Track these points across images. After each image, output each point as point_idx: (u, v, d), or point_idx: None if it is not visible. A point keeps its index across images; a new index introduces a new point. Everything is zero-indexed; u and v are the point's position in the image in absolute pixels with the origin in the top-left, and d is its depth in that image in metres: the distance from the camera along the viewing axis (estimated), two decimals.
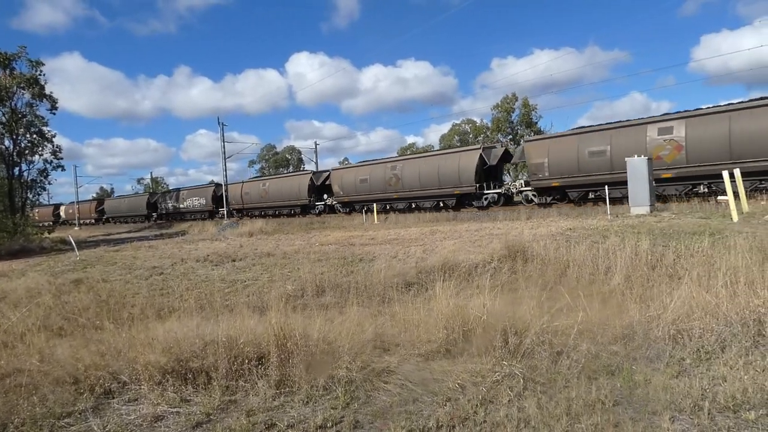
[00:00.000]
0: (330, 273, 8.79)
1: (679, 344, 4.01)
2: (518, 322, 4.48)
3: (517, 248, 8.93)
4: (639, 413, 3.01)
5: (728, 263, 6.26)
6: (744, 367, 3.43)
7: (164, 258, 12.46)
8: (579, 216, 16.29)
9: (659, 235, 9.67)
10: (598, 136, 20.84)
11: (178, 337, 4.28)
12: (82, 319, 5.93)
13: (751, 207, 13.19)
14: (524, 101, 52.04)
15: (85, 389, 3.86)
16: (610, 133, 20.45)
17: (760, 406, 2.95)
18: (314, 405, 3.47)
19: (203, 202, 45.25)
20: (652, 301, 5.24)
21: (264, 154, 77.22)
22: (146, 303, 6.86)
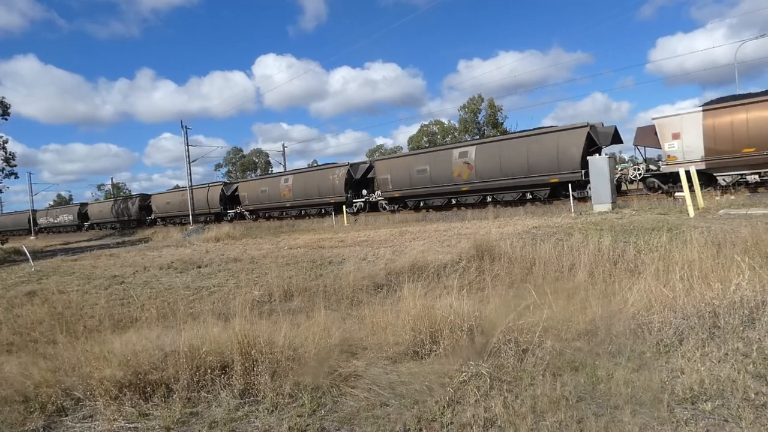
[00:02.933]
0: (298, 277, 8.67)
1: (640, 338, 4.10)
2: (485, 321, 4.50)
3: (484, 247, 9.03)
4: (601, 408, 3.06)
5: (685, 257, 6.50)
6: (701, 359, 3.53)
7: (126, 266, 12.05)
8: (544, 214, 16.64)
9: (621, 232, 9.97)
10: (423, 157, 25.55)
11: (137, 348, 4.11)
12: (34, 334, 5.65)
13: (707, 202, 13.76)
14: (490, 102, 52.95)
15: (35, 407, 3.66)
16: (429, 156, 25.33)
17: (716, 397, 3.04)
18: (279, 414, 3.39)
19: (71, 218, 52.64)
20: (614, 296, 5.37)
21: (230, 157, 75.87)
22: (104, 314, 6.59)
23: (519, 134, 23.11)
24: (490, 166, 22.28)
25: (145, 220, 45.01)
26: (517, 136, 22.79)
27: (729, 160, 16.88)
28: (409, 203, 26.32)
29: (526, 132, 22.80)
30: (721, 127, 16.91)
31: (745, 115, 16.51)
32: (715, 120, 17.04)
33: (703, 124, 17.19)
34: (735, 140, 16.68)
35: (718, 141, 16.92)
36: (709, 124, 17.12)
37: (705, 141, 17.12)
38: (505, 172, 21.81)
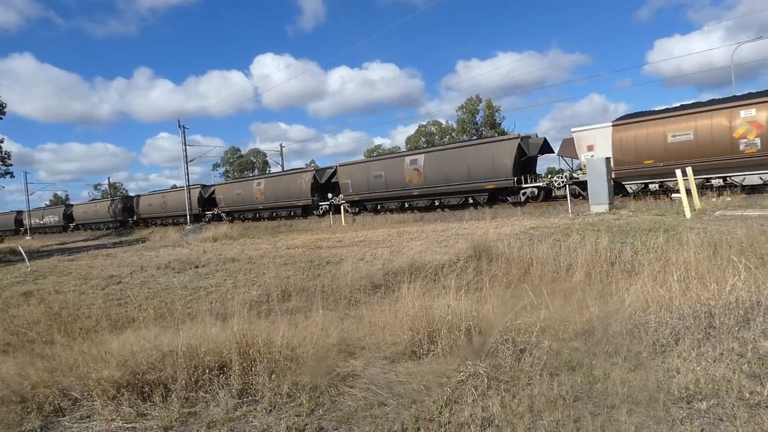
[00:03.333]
0: (296, 277, 8.68)
1: (636, 338, 4.13)
2: (483, 321, 4.52)
3: (482, 248, 9.05)
4: (598, 407, 3.08)
5: (681, 258, 6.53)
6: (696, 359, 3.55)
7: (123, 266, 12.03)
8: (542, 215, 16.69)
9: (618, 233, 10.01)
10: (379, 164, 28.07)
11: (135, 349, 4.11)
12: (31, 334, 5.63)
13: (703, 204, 13.82)
14: (488, 103, 53.06)
15: (33, 408, 3.65)
16: (384, 162, 27.92)
17: (711, 397, 3.06)
18: (278, 413, 3.39)
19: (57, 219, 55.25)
20: (611, 296, 5.39)
21: (228, 157, 75.79)
22: (102, 314, 6.58)
23: (461, 144, 26.39)
24: (437, 173, 24.80)
25: (128, 221, 47.21)
26: (460, 146, 25.57)
27: (633, 171, 19.01)
28: (367, 206, 28.77)
29: (467, 142, 26.70)
30: (627, 141, 19.11)
31: (646, 130, 18.66)
32: (622, 134, 19.25)
33: (612, 138, 19.40)
34: (638, 153, 18.81)
35: (624, 153, 19.11)
36: (617, 137, 19.34)
37: (614, 153, 19.17)
38: (449, 179, 24.30)
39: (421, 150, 27.92)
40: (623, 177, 19.30)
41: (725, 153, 16.94)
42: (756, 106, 16.58)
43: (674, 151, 17.85)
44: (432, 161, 25.10)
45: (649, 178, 18.87)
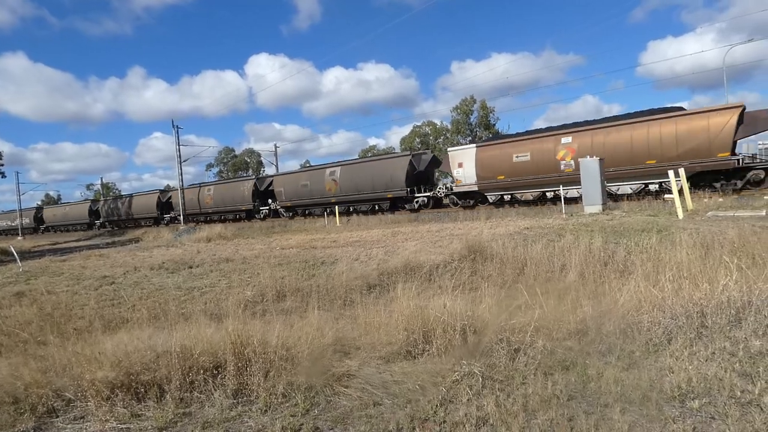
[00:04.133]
0: (291, 277, 8.66)
1: (629, 338, 4.16)
2: (478, 321, 4.54)
3: (476, 248, 9.08)
4: (592, 406, 3.10)
5: (674, 258, 6.59)
6: (689, 358, 3.59)
7: (116, 267, 11.96)
8: (536, 215, 16.77)
9: (611, 233, 10.07)
10: (305, 174, 32.71)
11: (128, 349, 4.09)
12: (23, 335, 5.59)
13: (695, 204, 13.94)
14: (482, 103, 53.11)
15: (26, 408, 3.63)
16: (309, 174, 32.41)
17: (703, 395, 3.09)
18: (273, 413, 3.39)
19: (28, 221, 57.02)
20: (604, 296, 5.43)
21: (222, 157, 75.47)
22: (95, 315, 6.54)
23: (367, 159, 32.25)
24: (349, 184, 29.12)
25: (94, 224, 50.57)
26: (366, 161, 31.14)
27: (491, 184, 23.55)
28: (298, 211, 32.85)
29: (371, 158, 32.73)
30: (486, 160, 23.53)
31: (499, 151, 23.21)
32: (483, 154, 23.78)
33: (476, 157, 23.88)
34: (494, 170, 23.30)
35: (485, 170, 23.60)
36: (479, 157, 23.82)
37: (477, 169, 23.81)
38: (359, 189, 28.66)
39: (338, 164, 31.69)
40: (484, 189, 23.85)
41: (551, 171, 21.35)
42: (571, 135, 21.06)
43: (518, 169, 22.40)
44: (346, 174, 29.60)
45: (502, 190, 23.41)
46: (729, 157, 17.09)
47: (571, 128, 21.73)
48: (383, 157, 29.38)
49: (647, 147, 18.84)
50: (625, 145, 19.30)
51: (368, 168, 28.67)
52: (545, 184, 21.67)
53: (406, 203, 26.99)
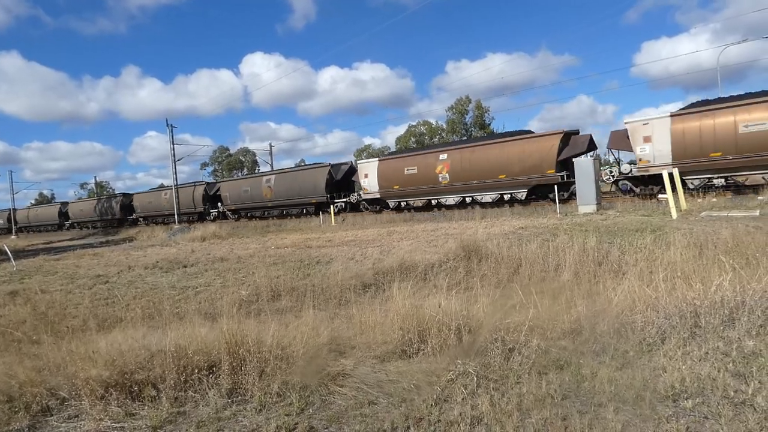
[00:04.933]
0: (286, 276, 8.65)
1: (623, 337, 4.18)
2: (472, 320, 4.55)
3: (471, 247, 9.10)
4: (586, 406, 3.12)
5: (668, 258, 6.63)
6: (682, 358, 3.61)
7: (110, 266, 11.90)
8: (531, 215, 16.82)
9: (605, 233, 10.12)
10: (246, 182, 36.31)
11: (123, 348, 4.07)
12: (17, 334, 5.55)
13: (689, 205, 14.03)
14: (477, 103, 53.27)
15: (20, 407, 3.61)
16: (249, 181, 36.22)
17: (696, 395, 3.11)
18: (267, 413, 3.39)
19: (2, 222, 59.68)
20: (598, 296, 5.46)
21: (217, 156, 75.25)
22: (89, 314, 6.51)
23: (296, 169, 35.98)
24: (282, 190, 32.77)
25: (64, 225, 53.47)
26: (295, 170, 34.95)
27: (389, 192, 27.05)
28: (242, 214, 35.93)
29: (299, 168, 36.50)
30: (385, 172, 27.04)
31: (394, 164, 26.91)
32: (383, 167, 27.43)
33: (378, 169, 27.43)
34: (391, 180, 26.83)
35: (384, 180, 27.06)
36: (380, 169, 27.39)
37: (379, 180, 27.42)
38: (290, 194, 32.16)
39: (273, 172, 36.20)
40: (385, 197, 27.12)
41: (432, 182, 25.00)
42: (447, 152, 24.88)
43: (409, 180, 25.84)
44: (279, 181, 33.22)
45: (399, 198, 26.80)
46: (554, 174, 20.48)
47: (446, 147, 26.77)
48: (308, 167, 33.40)
49: (499, 164, 22.52)
50: (483, 161, 23.06)
51: (297, 176, 32.59)
52: (429, 193, 25.55)
53: (327, 207, 30.06)
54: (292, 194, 32.01)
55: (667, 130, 18.45)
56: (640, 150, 18.96)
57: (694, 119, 18.05)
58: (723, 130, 17.21)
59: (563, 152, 20.68)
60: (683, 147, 18.03)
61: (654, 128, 18.76)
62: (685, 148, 17.98)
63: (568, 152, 20.60)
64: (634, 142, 19.09)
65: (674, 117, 18.51)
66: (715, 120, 17.48)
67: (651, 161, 18.71)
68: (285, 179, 32.93)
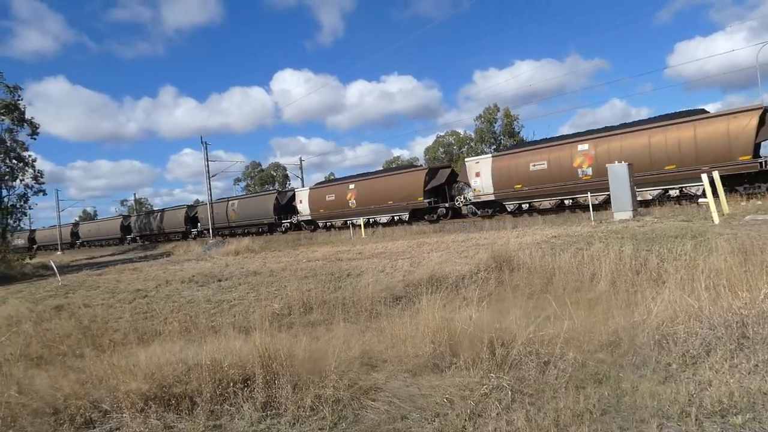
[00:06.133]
0: (317, 290, 8.71)
1: (665, 349, 4.02)
2: (505, 332, 4.47)
3: (503, 258, 8.96)
4: (627, 422, 3.01)
5: (710, 266, 6.34)
6: (729, 371, 3.45)
7: (148, 280, 12.27)
8: (564, 223, 16.46)
9: (642, 240, 9.79)
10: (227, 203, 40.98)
11: (161, 362, 4.19)
12: (62, 347, 5.79)
13: (732, 208, 13.44)
14: (506, 111, 52.68)
15: (65, 419, 3.75)
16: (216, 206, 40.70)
17: (746, 410, 2.96)
18: (301, 426, 3.41)
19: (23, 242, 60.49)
20: (636, 306, 5.27)
21: (249, 171, 76.95)
22: (129, 328, 6.72)
23: (250, 196, 43.57)
24: (242, 213, 38.48)
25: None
26: (249, 197, 42.10)
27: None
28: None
29: (253, 195, 43.97)
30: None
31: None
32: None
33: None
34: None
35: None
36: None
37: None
38: (249, 217, 37.91)
39: (236, 198, 42.22)
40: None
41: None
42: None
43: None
44: (240, 205, 39.23)
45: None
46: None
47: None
48: (260, 194, 38.68)
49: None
50: (379, 190, 24.36)
51: (252, 201, 38.27)
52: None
53: (277, 226, 35.38)
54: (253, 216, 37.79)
55: (489, 168, 24.06)
56: (474, 182, 24.76)
57: (506, 160, 23.84)
58: (521, 168, 22.83)
59: (430, 183, 26.61)
60: (499, 180, 23.66)
61: (482, 166, 24.52)
62: (501, 181, 23.65)
63: (434, 183, 26.85)
64: (470, 176, 24.88)
65: (494, 158, 24.57)
66: (518, 161, 23.21)
67: (481, 191, 24.46)
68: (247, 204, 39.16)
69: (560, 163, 21.45)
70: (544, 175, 21.93)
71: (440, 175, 27.39)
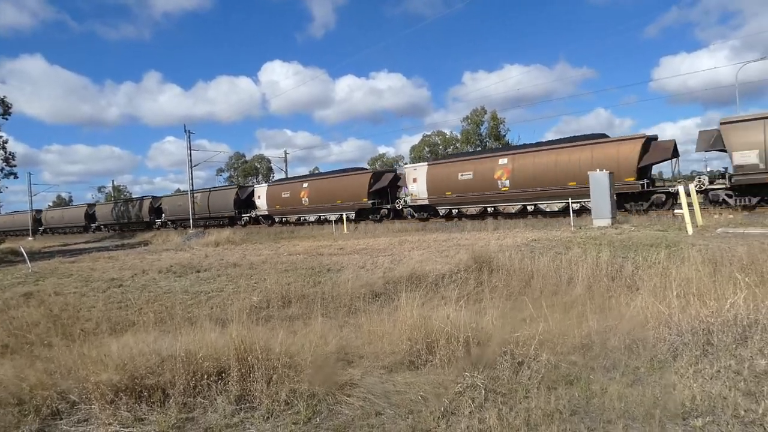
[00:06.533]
0: (296, 284, 8.69)
1: (635, 353, 4.13)
2: (481, 332, 4.53)
3: (483, 259, 9.06)
4: (595, 422, 3.08)
5: (682, 274, 6.53)
6: (693, 376, 3.55)
7: (124, 269, 12.06)
8: (544, 227, 16.70)
9: (619, 247, 10.00)
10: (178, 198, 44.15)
11: (134, 353, 4.12)
12: (30, 336, 5.65)
13: (705, 220, 13.81)
14: (493, 114, 53.15)
15: (30, 410, 3.66)
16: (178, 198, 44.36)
17: (707, 414, 3.06)
18: (275, 420, 3.40)
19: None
20: (610, 311, 5.40)
21: (233, 162, 76.05)
22: (102, 317, 6.60)
23: (215, 188, 43.20)
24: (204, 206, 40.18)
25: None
26: (214, 189, 42.30)
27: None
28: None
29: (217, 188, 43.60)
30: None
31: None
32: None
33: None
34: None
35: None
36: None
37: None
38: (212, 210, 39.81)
39: (199, 191, 42.20)
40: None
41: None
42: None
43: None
44: (203, 198, 40.60)
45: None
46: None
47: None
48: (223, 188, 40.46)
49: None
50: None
51: (217, 194, 40.08)
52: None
53: (237, 220, 37.88)
54: (216, 210, 39.56)
55: (425, 175, 26.30)
56: (411, 187, 27.10)
57: (439, 168, 26.15)
58: (452, 177, 25.06)
59: (374, 185, 28.67)
60: (433, 186, 25.91)
61: (419, 173, 26.82)
62: (434, 187, 25.89)
63: (378, 185, 28.88)
64: (408, 182, 27.32)
65: (429, 166, 26.90)
66: (449, 170, 25.42)
67: (417, 195, 26.76)
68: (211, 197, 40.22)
69: (483, 175, 24.08)
70: (471, 184, 24.51)
71: (384, 179, 29.69)
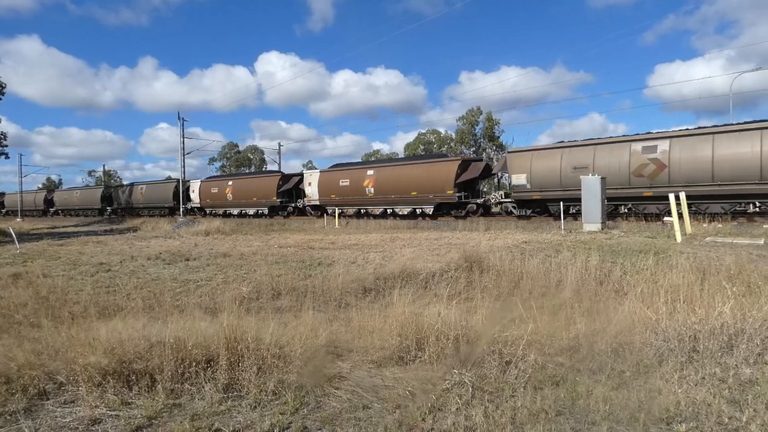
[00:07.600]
0: (287, 276, 8.67)
1: (621, 357, 4.18)
2: (471, 331, 4.56)
3: (474, 259, 9.09)
4: (579, 423, 3.12)
5: (670, 281, 6.60)
6: (678, 381, 3.61)
7: (113, 254, 11.96)
8: (535, 230, 16.80)
9: (608, 252, 10.09)
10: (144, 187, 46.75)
11: (123, 337, 4.11)
12: (18, 316, 5.60)
13: (694, 229, 13.97)
14: (488, 115, 53.34)
15: (17, 389, 3.65)
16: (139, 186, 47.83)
17: (690, 419, 3.11)
18: (262, 410, 3.41)
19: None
20: (598, 314, 5.45)
21: (225, 152, 75.61)
22: (90, 301, 6.54)
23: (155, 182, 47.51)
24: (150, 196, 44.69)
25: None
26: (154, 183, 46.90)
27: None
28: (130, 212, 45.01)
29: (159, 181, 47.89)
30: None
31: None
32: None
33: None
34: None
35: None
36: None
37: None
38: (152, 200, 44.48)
39: (142, 183, 47.50)
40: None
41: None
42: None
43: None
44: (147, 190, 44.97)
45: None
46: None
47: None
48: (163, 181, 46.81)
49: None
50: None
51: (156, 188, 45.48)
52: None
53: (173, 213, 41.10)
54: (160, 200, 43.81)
55: (317, 180, 32.27)
56: (307, 190, 32.94)
57: (327, 175, 32.11)
58: (335, 183, 31.04)
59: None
60: (324, 190, 31.75)
61: (313, 178, 32.77)
62: (323, 191, 31.77)
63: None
64: (305, 185, 33.04)
65: (322, 173, 32.89)
66: (334, 177, 31.42)
67: (311, 197, 32.70)
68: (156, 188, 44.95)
69: (357, 183, 29.77)
70: (348, 190, 30.31)
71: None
